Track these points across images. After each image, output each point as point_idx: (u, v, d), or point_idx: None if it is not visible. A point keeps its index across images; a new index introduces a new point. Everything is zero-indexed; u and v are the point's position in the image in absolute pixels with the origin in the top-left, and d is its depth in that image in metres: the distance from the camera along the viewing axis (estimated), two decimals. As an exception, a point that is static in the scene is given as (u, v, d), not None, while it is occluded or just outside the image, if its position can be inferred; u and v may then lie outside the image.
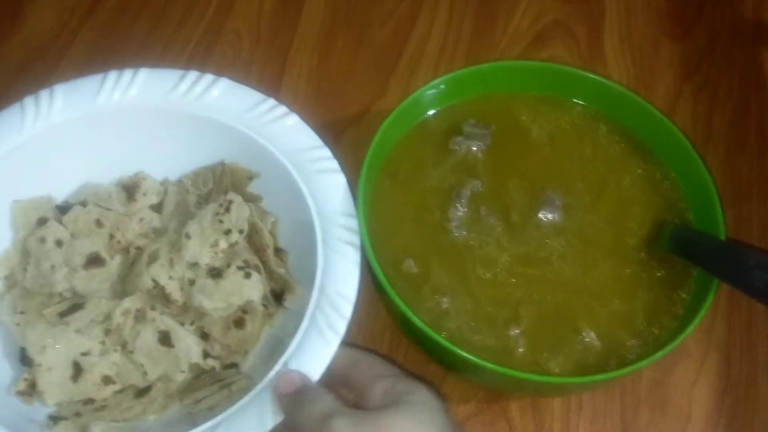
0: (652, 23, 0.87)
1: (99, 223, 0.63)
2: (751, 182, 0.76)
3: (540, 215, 0.62)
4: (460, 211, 0.62)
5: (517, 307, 0.59)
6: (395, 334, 0.66)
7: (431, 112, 0.68)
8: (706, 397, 0.64)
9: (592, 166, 0.66)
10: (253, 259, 0.61)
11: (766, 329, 0.68)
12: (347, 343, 0.54)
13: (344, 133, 0.76)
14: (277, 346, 0.58)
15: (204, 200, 0.65)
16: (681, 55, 0.84)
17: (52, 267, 0.60)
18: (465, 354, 0.54)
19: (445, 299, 0.59)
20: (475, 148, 0.66)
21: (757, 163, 0.77)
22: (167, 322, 0.59)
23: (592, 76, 0.67)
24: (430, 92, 0.66)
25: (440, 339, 0.54)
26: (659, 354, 0.54)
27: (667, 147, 0.65)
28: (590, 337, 0.58)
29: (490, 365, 0.53)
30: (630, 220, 0.63)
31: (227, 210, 0.62)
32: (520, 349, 0.57)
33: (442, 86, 0.67)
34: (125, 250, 0.63)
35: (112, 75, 0.64)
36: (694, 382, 0.65)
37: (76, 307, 0.59)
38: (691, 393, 0.65)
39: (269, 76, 0.81)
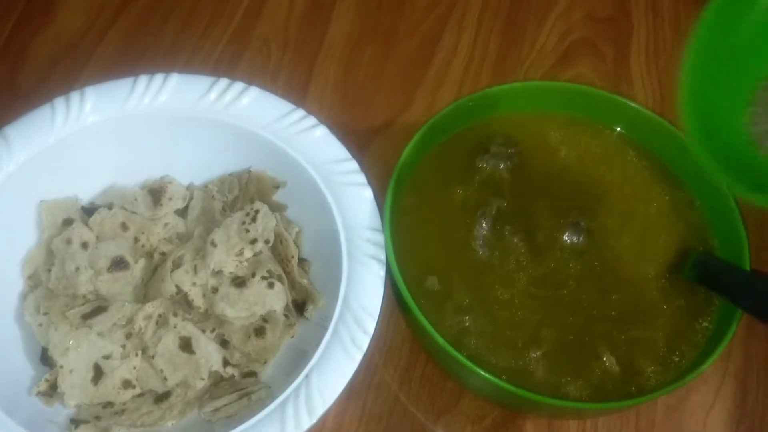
0: (680, 46, 0.86)
1: (124, 227, 0.64)
2: (774, 209, 0.75)
3: (565, 237, 0.62)
4: (484, 229, 0.62)
5: (538, 329, 0.59)
6: (414, 349, 0.66)
7: (459, 129, 0.67)
8: (720, 425, 0.64)
9: (618, 191, 0.65)
10: (277, 269, 0.62)
11: (785, 359, 0.68)
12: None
13: (369, 144, 0.76)
14: (297, 357, 0.58)
15: (229, 207, 0.66)
16: (707, 79, 0.84)
17: (77, 269, 0.61)
18: (485, 374, 0.54)
19: (467, 318, 0.59)
20: (501, 167, 0.66)
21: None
22: (189, 329, 0.59)
23: (622, 100, 0.67)
24: (459, 109, 0.66)
25: (462, 358, 0.54)
26: (679, 383, 0.54)
27: (694, 174, 0.64)
28: (610, 362, 0.58)
29: (509, 387, 0.54)
30: (654, 246, 0.63)
31: (254, 219, 0.62)
32: (540, 372, 0.57)
33: (471, 103, 0.66)
34: (149, 254, 0.64)
35: (143, 79, 0.64)
36: (710, 409, 0.65)
37: (99, 309, 0.60)
38: (706, 420, 0.65)
39: (296, 84, 0.81)
